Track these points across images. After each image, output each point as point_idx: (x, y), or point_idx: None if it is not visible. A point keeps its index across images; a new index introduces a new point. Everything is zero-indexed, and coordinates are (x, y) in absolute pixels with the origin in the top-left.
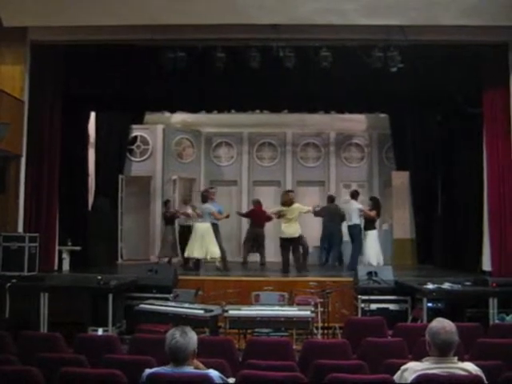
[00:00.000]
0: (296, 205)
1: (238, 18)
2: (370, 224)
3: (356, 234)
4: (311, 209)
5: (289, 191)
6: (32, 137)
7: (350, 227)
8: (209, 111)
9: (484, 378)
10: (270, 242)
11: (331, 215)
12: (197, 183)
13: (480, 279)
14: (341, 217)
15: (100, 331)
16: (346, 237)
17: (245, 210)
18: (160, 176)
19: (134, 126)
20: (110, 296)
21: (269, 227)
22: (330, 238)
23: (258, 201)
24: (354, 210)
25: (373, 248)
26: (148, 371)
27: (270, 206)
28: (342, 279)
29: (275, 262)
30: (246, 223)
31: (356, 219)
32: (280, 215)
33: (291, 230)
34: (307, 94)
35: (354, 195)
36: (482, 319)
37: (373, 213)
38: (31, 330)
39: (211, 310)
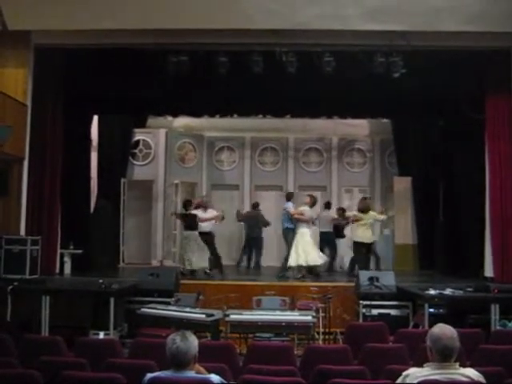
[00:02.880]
0: (372, 212)
1: (241, 23)
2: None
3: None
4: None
5: (365, 198)
6: (35, 140)
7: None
8: (211, 115)
9: None
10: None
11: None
12: (199, 187)
13: (482, 285)
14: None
15: (101, 335)
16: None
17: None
18: (162, 180)
19: (137, 130)
20: (112, 300)
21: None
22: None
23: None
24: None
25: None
26: (149, 375)
27: (272, 210)
28: (343, 284)
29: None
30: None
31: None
32: (355, 220)
33: (368, 234)
34: (309, 98)
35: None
36: (483, 325)
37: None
38: (32, 334)
39: (212, 315)
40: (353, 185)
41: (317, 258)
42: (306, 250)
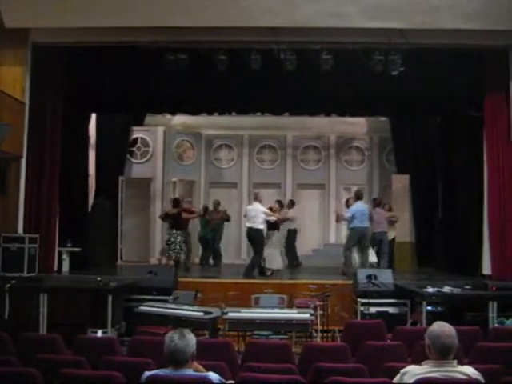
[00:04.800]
0: None
1: (240, 21)
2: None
3: None
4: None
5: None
6: (33, 138)
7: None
8: (209, 113)
9: (483, 381)
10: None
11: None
12: (197, 185)
13: (480, 283)
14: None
15: (99, 333)
16: None
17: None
18: (160, 178)
19: (135, 128)
20: (110, 297)
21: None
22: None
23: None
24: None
25: None
26: (147, 373)
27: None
28: (341, 282)
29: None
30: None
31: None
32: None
33: None
34: (308, 96)
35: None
36: (481, 323)
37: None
38: (30, 332)
39: (211, 313)
40: (351, 183)
41: None
42: None
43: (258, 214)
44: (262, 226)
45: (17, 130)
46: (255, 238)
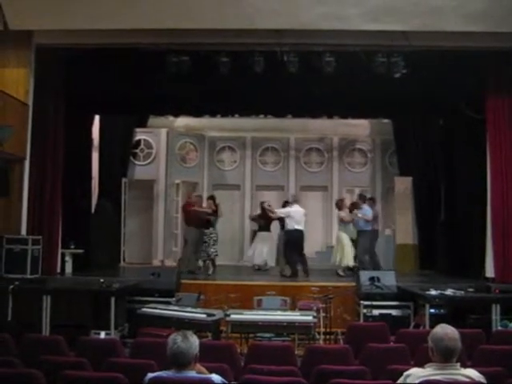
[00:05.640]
0: None
1: (242, 23)
2: None
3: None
4: None
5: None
6: (36, 140)
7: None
8: (212, 115)
9: None
10: None
11: None
12: (200, 187)
13: (483, 285)
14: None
15: (102, 334)
16: None
17: (247, 214)
18: (163, 180)
19: (138, 130)
20: (113, 299)
21: None
22: None
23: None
24: None
25: None
26: (150, 375)
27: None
28: (344, 284)
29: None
30: (248, 225)
31: None
32: None
33: None
34: (311, 98)
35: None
36: (484, 326)
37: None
38: (33, 333)
39: (213, 315)
40: (354, 185)
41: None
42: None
43: (302, 216)
44: None
45: (20, 132)
46: (303, 240)
